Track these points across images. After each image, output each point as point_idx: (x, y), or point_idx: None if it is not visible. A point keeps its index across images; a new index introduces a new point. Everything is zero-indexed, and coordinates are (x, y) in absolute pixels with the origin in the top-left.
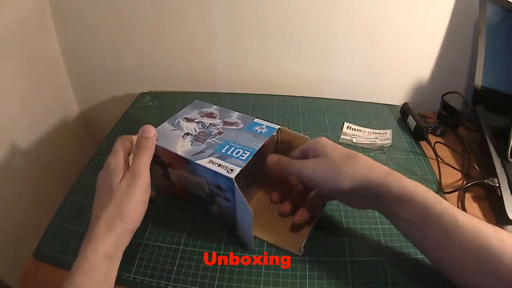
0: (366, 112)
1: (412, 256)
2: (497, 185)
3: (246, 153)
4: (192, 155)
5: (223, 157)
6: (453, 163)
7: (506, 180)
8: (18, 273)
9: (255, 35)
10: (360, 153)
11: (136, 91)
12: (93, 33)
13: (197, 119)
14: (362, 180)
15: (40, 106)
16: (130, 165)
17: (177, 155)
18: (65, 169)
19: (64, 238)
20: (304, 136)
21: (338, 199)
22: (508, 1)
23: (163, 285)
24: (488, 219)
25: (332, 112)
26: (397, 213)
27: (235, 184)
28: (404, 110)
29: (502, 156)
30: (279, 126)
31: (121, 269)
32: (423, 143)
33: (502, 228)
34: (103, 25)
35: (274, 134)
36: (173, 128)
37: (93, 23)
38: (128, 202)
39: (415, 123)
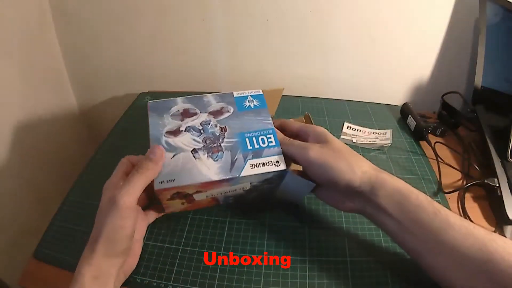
0: (366, 112)
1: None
2: (497, 185)
3: (270, 136)
4: (230, 171)
5: (257, 154)
6: (453, 163)
7: (506, 180)
8: (18, 273)
9: (255, 35)
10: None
11: (136, 91)
12: (93, 33)
13: (181, 126)
14: (364, 174)
15: (40, 106)
16: None
17: (215, 181)
18: (65, 169)
19: (64, 238)
20: (278, 88)
21: (327, 195)
22: (508, 1)
23: (163, 285)
24: (488, 219)
25: (332, 112)
26: (388, 213)
27: (289, 171)
28: (404, 110)
29: (502, 156)
30: (260, 90)
31: None
32: (423, 143)
33: (502, 228)
34: (103, 25)
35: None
36: (173, 154)
37: (93, 23)
38: (104, 228)
39: (415, 123)
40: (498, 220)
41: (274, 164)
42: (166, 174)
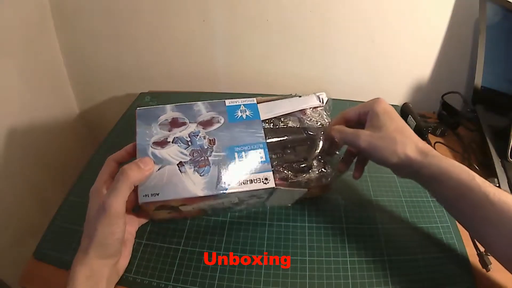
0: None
1: (413, 256)
2: (497, 185)
3: (260, 151)
4: (216, 187)
5: None
6: None
7: (506, 180)
8: (18, 273)
9: (255, 35)
10: (409, 129)
11: (136, 91)
12: (93, 33)
13: (168, 136)
14: (408, 160)
15: (40, 106)
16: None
17: (200, 197)
18: (65, 169)
19: (64, 238)
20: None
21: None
22: (508, 1)
23: (163, 285)
24: None
25: (332, 112)
26: (434, 189)
27: (278, 188)
28: (404, 110)
29: (502, 156)
30: (254, 100)
31: None
32: None
33: None
34: (103, 25)
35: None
36: (159, 167)
37: (93, 23)
38: (95, 234)
39: (415, 123)
40: None
41: (262, 182)
42: (151, 187)
